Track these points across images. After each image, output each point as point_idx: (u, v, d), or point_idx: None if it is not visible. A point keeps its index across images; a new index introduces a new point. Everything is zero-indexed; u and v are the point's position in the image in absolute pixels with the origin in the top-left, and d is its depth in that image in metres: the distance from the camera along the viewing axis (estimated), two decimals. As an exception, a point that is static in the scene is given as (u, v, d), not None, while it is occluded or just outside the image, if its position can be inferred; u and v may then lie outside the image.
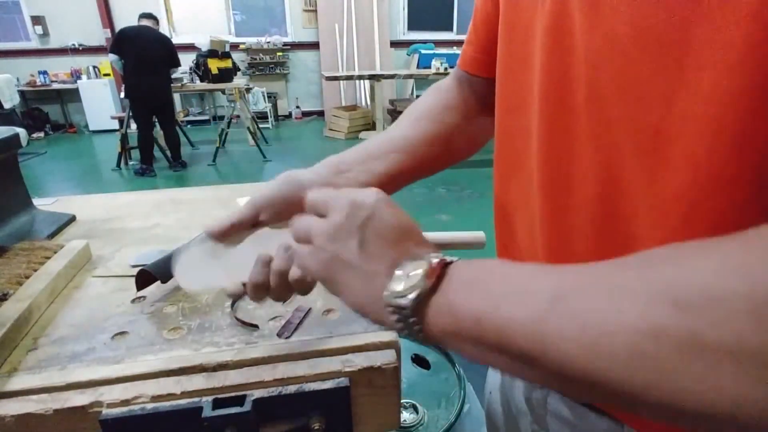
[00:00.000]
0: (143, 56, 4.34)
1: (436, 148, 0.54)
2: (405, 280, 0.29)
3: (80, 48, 6.85)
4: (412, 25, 7.82)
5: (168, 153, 4.94)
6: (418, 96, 6.58)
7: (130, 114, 4.72)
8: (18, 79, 6.58)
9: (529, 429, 0.50)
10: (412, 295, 0.28)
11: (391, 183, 0.50)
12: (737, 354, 0.18)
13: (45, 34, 6.74)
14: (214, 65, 5.23)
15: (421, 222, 0.33)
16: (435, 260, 0.29)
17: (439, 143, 0.55)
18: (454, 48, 7.47)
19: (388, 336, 0.46)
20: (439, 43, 7.56)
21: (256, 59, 7.29)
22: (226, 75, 5.33)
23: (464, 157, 0.60)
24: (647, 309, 0.20)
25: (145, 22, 4.55)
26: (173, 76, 4.83)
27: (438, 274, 0.28)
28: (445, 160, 0.57)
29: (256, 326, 0.48)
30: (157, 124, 4.83)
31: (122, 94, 4.69)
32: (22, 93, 6.44)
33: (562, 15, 0.35)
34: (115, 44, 4.39)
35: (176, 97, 6.69)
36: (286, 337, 0.46)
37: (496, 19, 0.46)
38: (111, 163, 5.05)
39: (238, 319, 0.49)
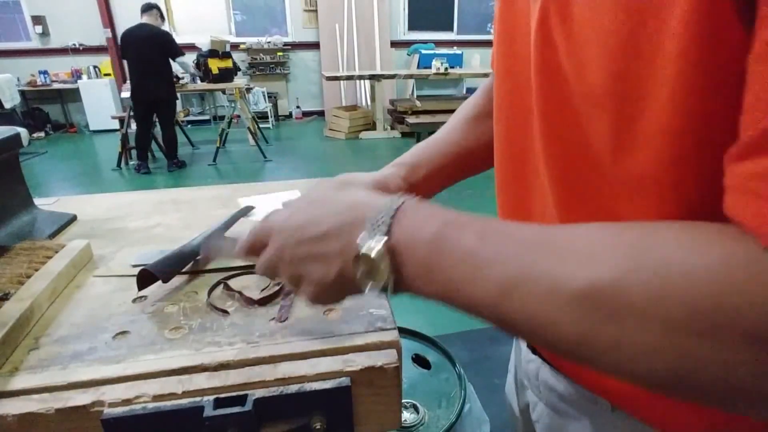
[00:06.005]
0: (140, 56, 4.35)
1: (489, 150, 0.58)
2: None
3: (80, 48, 6.85)
4: (413, 25, 7.83)
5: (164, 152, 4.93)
6: (418, 96, 6.51)
7: (131, 114, 4.71)
8: (18, 79, 6.58)
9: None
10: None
11: (448, 178, 0.62)
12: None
13: (45, 34, 6.74)
14: (214, 65, 5.23)
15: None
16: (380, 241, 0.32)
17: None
18: (455, 48, 7.47)
19: (390, 336, 0.46)
20: (439, 43, 7.57)
21: (256, 59, 7.30)
22: (226, 75, 5.34)
23: None
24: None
25: (145, 18, 4.50)
26: (178, 66, 4.82)
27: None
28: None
29: (226, 312, 0.50)
30: (157, 123, 4.82)
31: (122, 94, 4.69)
32: (22, 93, 6.44)
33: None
34: (121, 50, 4.51)
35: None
36: (284, 319, 0.48)
37: None
38: (111, 162, 5.06)
39: (212, 306, 0.50)
